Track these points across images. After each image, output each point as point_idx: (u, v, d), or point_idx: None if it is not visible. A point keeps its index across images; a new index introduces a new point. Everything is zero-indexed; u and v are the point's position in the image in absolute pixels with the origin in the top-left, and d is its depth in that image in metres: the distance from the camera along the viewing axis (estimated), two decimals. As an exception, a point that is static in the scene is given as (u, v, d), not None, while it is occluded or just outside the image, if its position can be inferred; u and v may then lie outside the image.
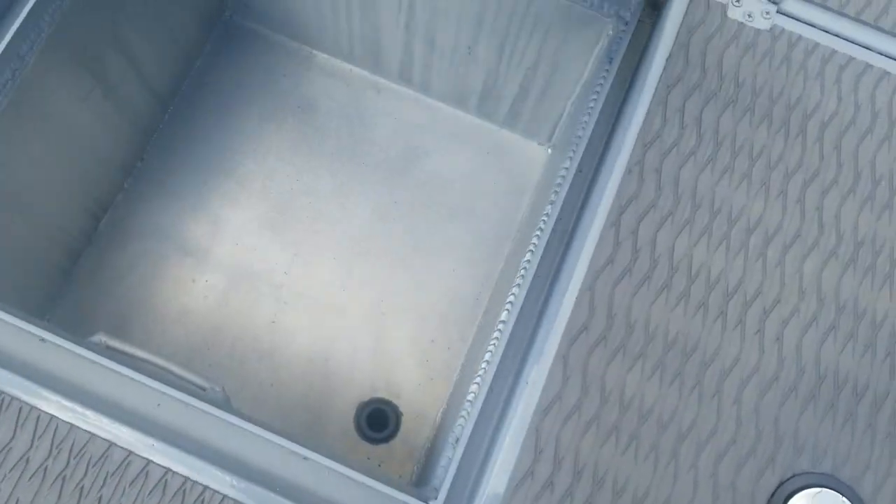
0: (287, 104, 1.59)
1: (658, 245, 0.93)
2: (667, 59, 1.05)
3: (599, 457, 0.86)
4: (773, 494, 0.82)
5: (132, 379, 0.93)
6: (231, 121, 1.57)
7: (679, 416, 0.87)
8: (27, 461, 0.88)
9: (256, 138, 1.56)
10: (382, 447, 1.34)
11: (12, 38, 1.06)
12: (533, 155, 1.56)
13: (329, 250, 1.48)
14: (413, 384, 1.39)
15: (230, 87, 1.59)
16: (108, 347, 0.98)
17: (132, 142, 1.50)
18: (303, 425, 1.35)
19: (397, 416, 1.35)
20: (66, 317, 1.41)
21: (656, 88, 1.03)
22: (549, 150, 1.56)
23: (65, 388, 0.92)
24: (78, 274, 1.44)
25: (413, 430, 1.36)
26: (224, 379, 1.37)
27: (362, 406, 1.36)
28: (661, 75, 1.04)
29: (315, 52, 1.63)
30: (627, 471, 0.85)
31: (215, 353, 1.40)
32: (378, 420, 1.35)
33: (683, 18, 1.08)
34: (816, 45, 1.06)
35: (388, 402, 1.36)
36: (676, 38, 1.06)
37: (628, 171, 0.96)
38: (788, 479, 0.83)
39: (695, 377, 0.88)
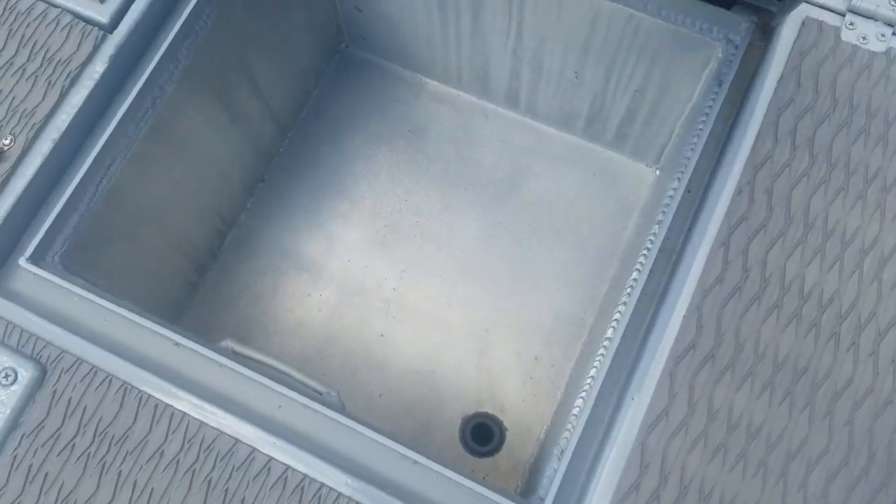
0: (398, 129, 1.66)
1: (769, 265, 0.93)
2: (778, 82, 1.05)
3: (706, 473, 0.86)
4: (887, 518, 0.80)
5: (256, 382, 0.99)
6: (345, 145, 1.65)
7: (788, 436, 0.86)
8: (161, 454, 0.95)
9: (368, 161, 1.63)
10: (487, 461, 1.37)
11: (153, 69, 1.17)
12: (640, 176, 1.57)
13: (436, 268, 1.53)
14: (517, 400, 1.42)
15: (345, 113, 1.68)
16: (235, 352, 1.06)
17: (255, 164, 1.60)
18: (410, 435, 1.40)
19: (501, 430, 1.38)
20: (190, 327, 1.50)
21: (767, 110, 1.03)
22: (658, 172, 1.56)
23: (195, 389, 0.99)
24: (203, 287, 1.54)
25: (517, 445, 1.38)
26: (336, 388, 1.43)
27: (467, 419, 1.39)
28: (772, 97, 1.04)
29: (426, 79, 1.69)
30: (735, 488, 0.85)
31: (328, 363, 1.46)
32: (483, 434, 1.38)
33: (795, 42, 1.08)
34: (937, 65, 1.04)
35: (492, 417, 1.39)
36: (788, 61, 1.06)
37: (738, 191, 0.97)
38: (904, 503, 0.81)
39: (806, 397, 0.87)
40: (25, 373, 0.98)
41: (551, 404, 1.42)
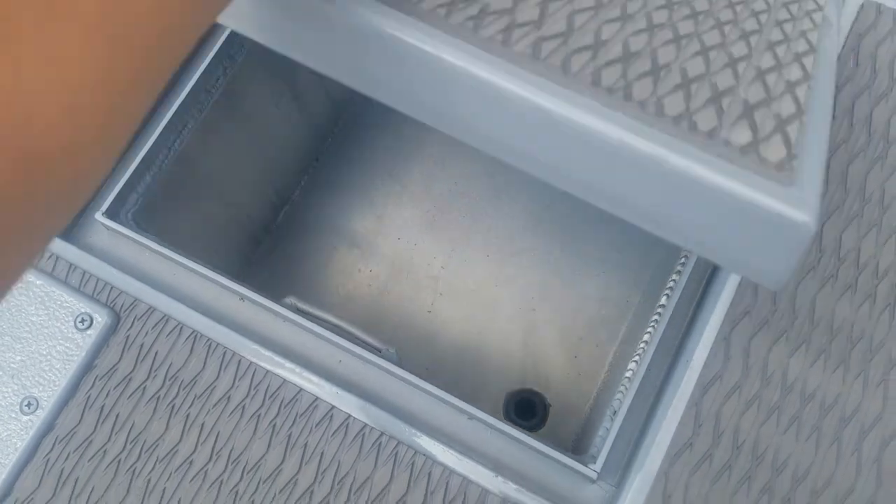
0: (449, 114, 1.69)
1: (825, 235, 0.95)
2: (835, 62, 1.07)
3: (760, 434, 0.88)
4: (943, 475, 0.82)
5: (319, 336, 1.03)
6: (397, 126, 1.69)
7: (842, 402, 0.88)
8: (228, 399, 0.99)
9: (419, 143, 1.67)
10: (531, 433, 1.39)
11: (226, 39, 1.21)
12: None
13: (483, 248, 1.56)
14: (561, 378, 1.44)
15: (398, 96, 1.71)
16: (298, 309, 1.09)
17: (310, 142, 1.65)
18: (456, 406, 1.42)
19: (545, 406, 1.40)
20: (243, 298, 1.55)
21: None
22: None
23: (261, 340, 1.03)
24: (256, 260, 1.59)
25: (560, 422, 1.40)
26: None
27: (511, 395, 1.42)
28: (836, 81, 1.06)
29: (477, 66, 1.73)
30: (788, 449, 0.87)
31: (376, 336, 1.49)
32: (526, 408, 1.40)
33: (853, 23, 1.10)
34: None
35: (536, 393, 1.41)
36: (845, 42, 1.08)
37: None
38: (959, 464, 0.82)
39: (860, 364, 0.89)
40: (100, 319, 1.03)
41: (594, 383, 1.44)
